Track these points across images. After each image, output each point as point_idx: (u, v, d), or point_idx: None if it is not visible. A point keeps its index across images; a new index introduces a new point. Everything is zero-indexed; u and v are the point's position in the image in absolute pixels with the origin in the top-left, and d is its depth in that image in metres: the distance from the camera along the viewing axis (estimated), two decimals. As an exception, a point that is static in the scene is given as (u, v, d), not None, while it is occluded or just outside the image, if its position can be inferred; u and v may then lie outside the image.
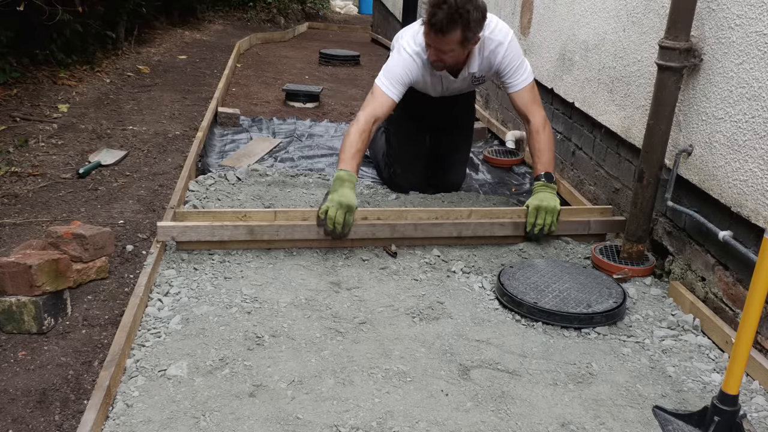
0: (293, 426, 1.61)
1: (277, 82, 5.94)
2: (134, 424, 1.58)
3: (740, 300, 2.06)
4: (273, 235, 2.48)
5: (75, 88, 4.90)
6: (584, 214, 2.81)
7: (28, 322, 1.96)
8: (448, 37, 2.58)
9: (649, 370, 1.93)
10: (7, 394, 1.73)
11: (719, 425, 1.56)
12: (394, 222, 2.58)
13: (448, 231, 2.60)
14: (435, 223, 2.60)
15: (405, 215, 2.63)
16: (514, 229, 2.67)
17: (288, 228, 2.49)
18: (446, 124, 3.27)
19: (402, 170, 3.21)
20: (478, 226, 2.62)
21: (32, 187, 3.07)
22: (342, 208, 2.44)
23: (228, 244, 2.47)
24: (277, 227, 2.48)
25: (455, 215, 2.67)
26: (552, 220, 2.64)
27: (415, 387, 1.78)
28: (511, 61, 2.82)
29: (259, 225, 2.46)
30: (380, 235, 2.57)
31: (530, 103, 2.86)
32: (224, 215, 2.51)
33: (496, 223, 2.64)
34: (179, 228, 2.41)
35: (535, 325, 2.13)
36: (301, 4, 11.81)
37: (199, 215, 2.51)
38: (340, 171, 2.55)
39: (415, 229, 2.57)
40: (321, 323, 2.06)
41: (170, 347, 1.89)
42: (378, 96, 2.76)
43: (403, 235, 2.58)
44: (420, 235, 2.59)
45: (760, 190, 1.96)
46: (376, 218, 2.59)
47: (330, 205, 2.45)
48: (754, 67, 1.99)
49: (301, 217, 2.55)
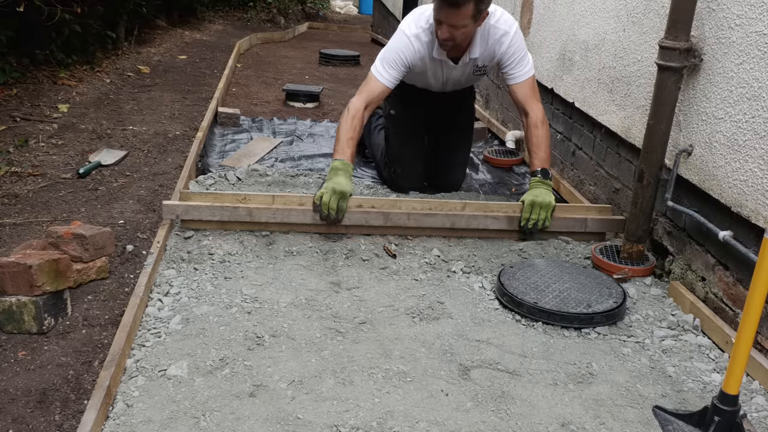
0: (293, 426, 1.61)
1: (277, 82, 5.94)
2: (134, 424, 1.58)
3: (740, 300, 2.06)
4: (270, 218, 2.59)
5: (75, 88, 4.90)
6: (582, 212, 2.82)
7: (28, 322, 1.96)
8: (462, 11, 2.54)
9: (649, 370, 1.93)
10: (7, 394, 1.73)
11: (719, 425, 1.56)
12: (388, 210, 2.64)
13: (441, 222, 2.64)
14: (428, 213, 2.65)
15: (399, 205, 2.69)
16: (509, 223, 2.69)
17: (284, 212, 2.59)
18: (446, 124, 3.27)
19: (402, 170, 3.21)
20: (471, 218, 2.66)
21: (32, 187, 3.07)
22: (336, 194, 2.54)
23: (228, 225, 2.59)
24: (275, 210, 2.59)
25: (449, 207, 2.71)
26: (546, 215, 2.65)
27: (415, 387, 1.78)
28: (515, 52, 2.81)
29: (258, 207, 2.58)
30: (374, 222, 2.64)
31: (530, 97, 2.85)
32: (225, 197, 2.64)
33: (490, 216, 2.68)
34: (183, 207, 2.55)
35: (535, 325, 2.13)
36: (301, 4, 11.81)
37: (202, 196, 2.65)
38: (335, 161, 2.64)
39: (408, 218, 2.63)
40: (321, 323, 2.06)
41: (170, 347, 1.89)
42: (371, 82, 2.79)
43: (395, 224, 2.64)
44: (413, 225, 2.64)
45: (760, 190, 1.96)
46: (371, 206, 2.67)
47: (324, 191, 2.55)
48: (754, 67, 1.99)
49: (297, 202, 2.65)
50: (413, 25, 2.79)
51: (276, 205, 2.63)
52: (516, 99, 2.89)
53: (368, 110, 2.78)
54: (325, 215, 2.56)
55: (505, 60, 2.83)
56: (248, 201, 2.63)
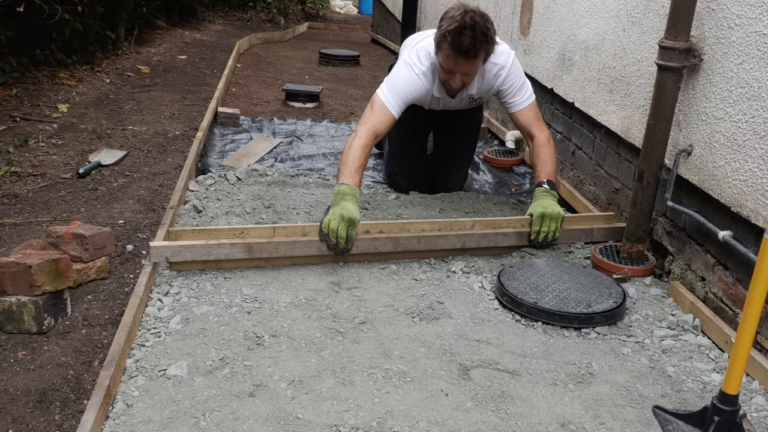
0: (293, 426, 1.61)
1: (277, 82, 5.94)
2: (134, 424, 1.58)
3: (740, 300, 2.06)
4: (272, 252, 2.37)
5: (75, 88, 4.90)
6: (588, 222, 2.79)
7: (28, 322, 1.96)
8: (477, 60, 2.59)
9: (649, 370, 1.93)
10: (7, 394, 1.73)
11: (719, 425, 1.56)
12: (397, 235, 2.50)
13: (451, 243, 2.54)
14: (438, 235, 2.53)
15: (408, 228, 2.54)
16: (518, 239, 2.64)
17: (288, 245, 2.38)
18: (448, 127, 3.27)
19: (401, 170, 3.22)
20: (482, 237, 2.57)
21: (32, 187, 3.07)
22: (344, 221, 2.36)
23: (225, 263, 2.34)
24: (277, 244, 2.36)
25: (458, 226, 2.60)
26: (556, 226, 2.63)
27: (415, 387, 1.78)
28: (513, 83, 2.83)
29: (258, 242, 2.35)
30: (382, 249, 2.48)
31: (534, 121, 2.87)
32: (220, 232, 2.38)
33: (500, 233, 2.60)
34: (173, 248, 2.27)
35: (535, 325, 2.13)
36: (301, 4, 11.81)
37: (194, 233, 2.37)
38: (342, 185, 2.48)
39: (419, 242, 2.51)
40: (321, 323, 2.06)
41: (170, 347, 1.89)
42: (379, 111, 2.71)
43: (405, 248, 2.50)
44: (423, 248, 2.52)
45: (760, 190, 1.96)
46: (379, 231, 2.51)
47: (332, 218, 2.37)
48: (754, 67, 1.99)
49: (301, 232, 2.44)
50: (418, 61, 2.78)
51: (277, 237, 2.40)
52: (520, 125, 2.91)
53: (376, 140, 2.71)
54: (333, 244, 2.37)
55: (504, 91, 2.86)
56: (246, 235, 2.39)
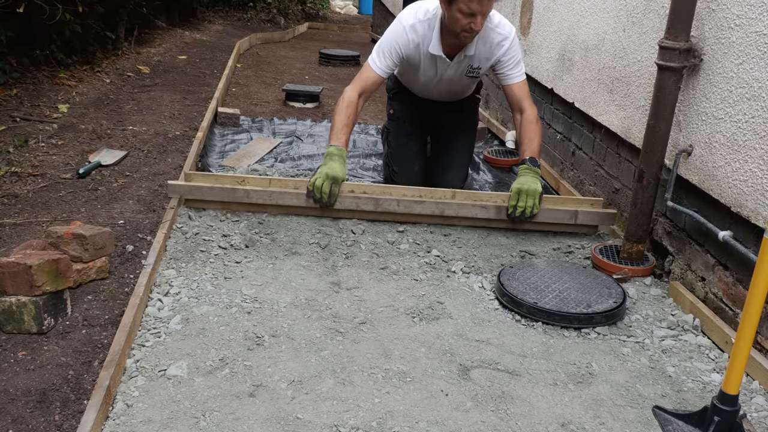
0: (293, 426, 1.61)
1: (277, 82, 5.94)
2: (134, 424, 1.58)
3: (740, 300, 2.06)
4: (266, 200, 2.75)
5: (75, 88, 4.90)
6: (572, 204, 2.85)
7: (28, 322, 1.96)
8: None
9: (649, 370, 1.93)
10: (7, 394, 1.73)
11: (719, 425, 1.56)
12: (378, 196, 2.74)
13: (430, 209, 2.72)
14: (418, 200, 2.73)
15: (389, 191, 2.79)
16: (497, 213, 2.75)
17: (280, 194, 2.74)
18: (446, 124, 3.27)
19: (399, 170, 3.22)
20: (460, 206, 2.73)
21: (32, 187, 3.07)
22: (328, 179, 2.66)
23: (228, 205, 2.77)
24: (270, 192, 2.74)
25: (439, 195, 2.79)
26: (534, 202, 2.67)
27: (415, 387, 1.78)
28: (513, 56, 2.90)
29: (255, 189, 2.75)
30: (364, 207, 2.74)
31: (526, 96, 2.95)
32: (225, 178, 2.83)
33: (479, 205, 2.74)
34: (187, 187, 2.74)
35: (535, 325, 2.13)
36: (301, 4, 11.80)
37: (204, 177, 2.84)
38: (330, 146, 2.73)
39: (398, 204, 2.72)
40: (321, 323, 2.06)
41: (170, 347, 1.89)
42: (365, 71, 2.88)
43: (385, 209, 2.74)
44: (402, 211, 2.73)
45: (760, 190, 1.96)
46: (362, 192, 2.78)
47: (318, 176, 2.68)
48: (754, 67, 1.99)
49: (293, 185, 2.79)
50: (411, 16, 2.83)
51: (272, 187, 2.77)
52: (512, 97, 2.97)
53: (363, 98, 2.85)
54: (318, 199, 2.67)
55: (504, 62, 2.91)
56: (246, 183, 2.80)
